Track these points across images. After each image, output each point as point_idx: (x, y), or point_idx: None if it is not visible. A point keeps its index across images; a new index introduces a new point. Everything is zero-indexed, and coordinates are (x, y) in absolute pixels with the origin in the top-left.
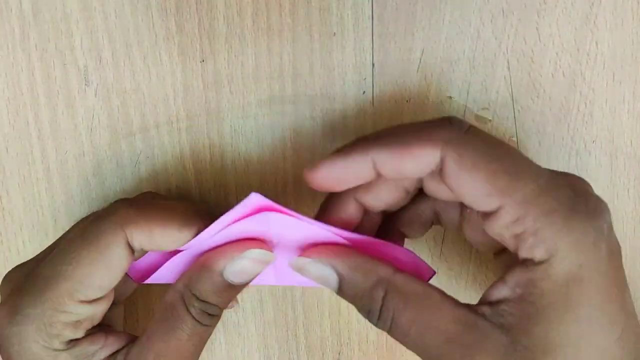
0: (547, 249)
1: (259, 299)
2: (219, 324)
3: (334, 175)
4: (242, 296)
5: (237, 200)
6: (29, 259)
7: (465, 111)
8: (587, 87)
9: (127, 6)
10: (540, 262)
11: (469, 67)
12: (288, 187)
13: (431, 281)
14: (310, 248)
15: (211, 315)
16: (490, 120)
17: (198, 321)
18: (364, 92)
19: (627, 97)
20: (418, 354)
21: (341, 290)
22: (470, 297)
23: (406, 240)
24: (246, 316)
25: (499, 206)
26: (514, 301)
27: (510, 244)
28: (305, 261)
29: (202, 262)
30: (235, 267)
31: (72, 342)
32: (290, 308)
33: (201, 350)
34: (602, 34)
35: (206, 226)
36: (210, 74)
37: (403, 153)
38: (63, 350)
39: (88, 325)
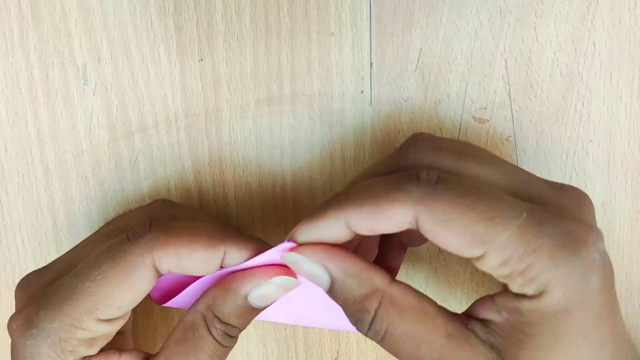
0: (537, 286)
1: None
2: None
3: (311, 239)
4: None
5: (236, 200)
6: (41, 263)
7: (462, 111)
8: (584, 86)
9: (125, 6)
10: (531, 297)
11: (466, 67)
12: (286, 187)
13: (430, 279)
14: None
15: (231, 337)
16: (487, 120)
17: (219, 343)
18: (362, 92)
19: (624, 96)
20: None
21: (332, 292)
22: (468, 295)
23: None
24: None
25: (482, 253)
26: (502, 324)
27: (501, 280)
28: (298, 258)
29: (227, 285)
30: (261, 292)
31: (86, 359)
32: None
33: None
34: (600, 34)
35: (231, 246)
36: (209, 74)
37: (374, 215)
38: None
39: (103, 342)
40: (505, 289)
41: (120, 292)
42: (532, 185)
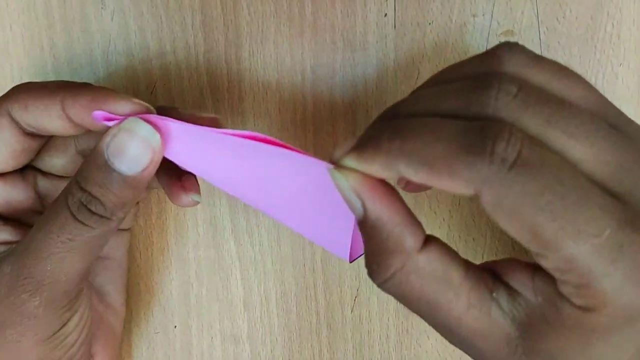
0: (587, 304)
1: (275, 233)
2: (235, 259)
3: (358, 169)
4: (259, 231)
5: (255, 127)
6: None
7: (489, 34)
8: (614, 6)
9: None
10: (575, 306)
11: None
12: (307, 113)
13: (454, 211)
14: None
15: (92, 213)
16: None
17: (73, 215)
18: (385, 15)
19: None
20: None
21: (360, 225)
22: (492, 228)
23: None
24: (263, 251)
25: (541, 254)
26: (532, 304)
27: (550, 273)
28: (343, 183)
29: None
30: (115, 146)
31: None
32: (308, 243)
33: (80, 262)
34: None
35: (66, 92)
36: None
37: (431, 179)
38: None
39: None
40: (548, 275)
41: None
42: (630, 174)
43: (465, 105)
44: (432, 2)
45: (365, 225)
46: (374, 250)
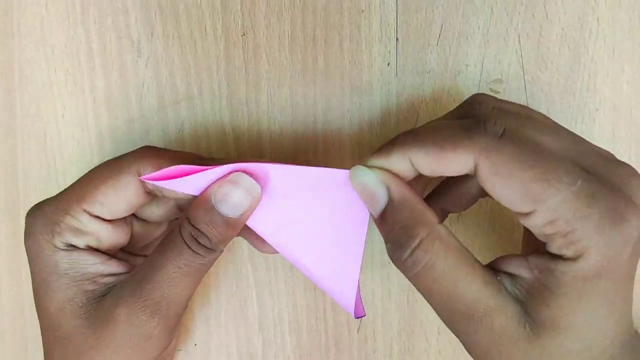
0: (576, 250)
1: None
2: (251, 282)
3: (378, 165)
4: (274, 257)
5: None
6: None
7: (480, 82)
8: (590, 59)
9: None
10: (566, 259)
11: (483, 41)
12: (318, 150)
13: None
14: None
15: (200, 245)
16: (502, 91)
17: (189, 246)
18: (388, 64)
19: (626, 68)
20: (435, 305)
21: (382, 215)
22: (484, 257)
23: None
24: (277, 275)
25: (532, 210)
26: (531, 281)
27: (541, 239)
28: (365, 173)
29: (202, 193)
30: (221, 193)
31: (72, 247)
32: None
33: (190, 286)
34: (603, 12)
35: (198, 165)
36: (250, 47)
37: (438, 157)
38: (62, 249)
39: (91, 241)
40: (539, 251)
41: (105, 188)
42: (589, 156)
43: (457, 117)
44: (429, 54)
45: (391, 209)
46: (400, 228)
